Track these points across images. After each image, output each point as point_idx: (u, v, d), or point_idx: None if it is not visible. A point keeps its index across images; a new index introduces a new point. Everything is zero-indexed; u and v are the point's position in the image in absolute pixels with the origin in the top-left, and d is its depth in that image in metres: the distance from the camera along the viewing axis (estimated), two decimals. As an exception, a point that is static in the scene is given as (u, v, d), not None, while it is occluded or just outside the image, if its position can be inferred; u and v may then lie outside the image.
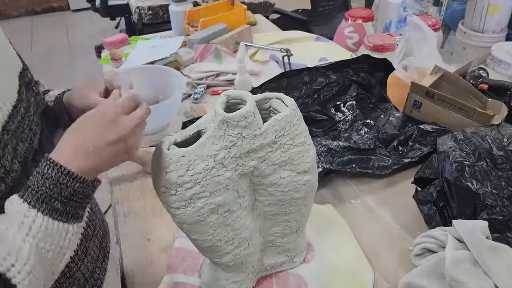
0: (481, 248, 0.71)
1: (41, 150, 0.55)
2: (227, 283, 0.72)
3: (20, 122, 0.52)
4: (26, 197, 0.47)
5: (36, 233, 0.46)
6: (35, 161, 0.52)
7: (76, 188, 0.49)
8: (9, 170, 0.47)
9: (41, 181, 0.47)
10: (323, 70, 1.24)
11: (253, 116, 0.59)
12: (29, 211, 0.46)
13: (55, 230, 0.47)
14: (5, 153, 0.47)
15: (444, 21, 2.79)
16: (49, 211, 0.47)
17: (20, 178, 0.49)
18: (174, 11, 1.79)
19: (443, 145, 0.89)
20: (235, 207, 0.63)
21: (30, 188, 0.47)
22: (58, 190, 0.48)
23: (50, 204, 0.47)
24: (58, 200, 0.48)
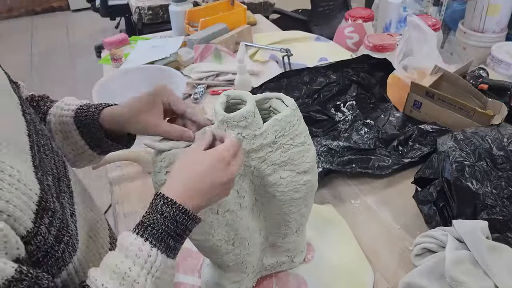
0: (481, 248, 0.71)
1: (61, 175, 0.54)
2: (227, 283, 0.72)
3: (38, 152, 0.50)
4: (148, 236, 0.47)
5: (155, 272, 0.47)
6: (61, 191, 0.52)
7: (188, 225, 0.50)
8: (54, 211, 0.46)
9: (161, 220, 0.48)
10: (323, 70, 1.24)
11: (253, 116, 0.59)
12: (151, 250, 0.47)
13: (168, 267, 0.49)
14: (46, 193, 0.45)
15: (444, 21, 2.79)
16: (165, 249, 0.48)
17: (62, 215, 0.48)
18: (174, 11, 1.79)
19: (443, 145, 0.89)
20: (235, 207, 0.63)
21: (149, 227, 0.48)
22: (174, 228, 0.49)
23: (166, 242, 0.48)
24: (173, 237, 0.49)
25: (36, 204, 0.43)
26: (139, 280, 0.45)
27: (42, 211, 0.43)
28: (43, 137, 0.54)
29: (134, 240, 0.47)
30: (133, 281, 0.45)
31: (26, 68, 3.54)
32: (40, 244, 0.43)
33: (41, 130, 0.55)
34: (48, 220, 0.44)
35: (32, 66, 3.58)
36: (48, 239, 0.44)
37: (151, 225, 0.48)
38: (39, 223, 0.42)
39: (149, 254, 0.46)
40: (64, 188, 0.54)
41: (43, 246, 0.43)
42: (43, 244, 0.43)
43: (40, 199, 0.43)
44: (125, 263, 0.45)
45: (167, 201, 0.49)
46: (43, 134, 0.55)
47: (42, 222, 0.43)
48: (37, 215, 0.42)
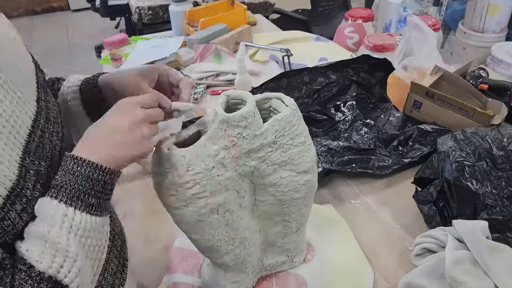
0: (481, 248, 0.71)
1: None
2: (227, 283, 0.72)
3: (40, 137, 0.50)
4: (61, 197, 0.46)
5: (77, 230, 0.46)
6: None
7: (107, 180, 0.49)
8: (30, 199, 0.46)
9: (73, 179, 0.47)
10: (323, 70, 1.24)
11: (253, 116, 0.59)
12: (67, 209, 0.46)
13: (94, 225, 0.48)
14: (26, 181, 0.45)
15: (444, 21, 2.79)
16: (85, 208, 0.47)
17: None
18: (174, 11, 1.79)
19: (443, 145, 0.89)
20: (235, 207, 0.63)
21: (63, 188, 0.47)
22: (91, 185, 0.48)
23: (85, 200, 0.47)
24: (92, 195, 0.48)
25: (8, 191, 0.43)
26: (60, 240, 0.44)
27: (14, 197, 0.43)
28: (55, 124, 0.55)
29: (48, 204, 0.46)
30: (54, 241, 0.44)
31: (26, 68, 3.53)
32: (8, 228, 0.43)
33: (54, 118, 0.55)
34: (20, 206, 0.44)
35: (32, 66, 3.57)
36: (19, 224, 0.44)
37: (64, 186, 0.47)
38: (8, 209, 0.43)
39: (64, 214, 0.45)
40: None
41: (11, 231, 0.44)
42: (11, 228, 0.43)
43: (15, 186, 0.44)
44: (44, 227, 0.45)
45: (76, 160, 0.48)
46: (56, 122, 0.55)
47: (12, 208, 0.43)
48: (6, 201, 0.43)
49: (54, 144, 0.53)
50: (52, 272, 0.43)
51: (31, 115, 0.50)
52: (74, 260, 0.45)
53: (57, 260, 0.44)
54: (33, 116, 0.50)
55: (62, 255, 0.44)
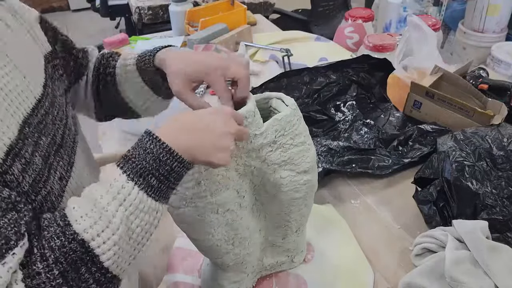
0: (481, 248, 0.71)
1: (64, 144, 0.55)
2: (226, 282, 0.72)
3: (43, 116, 0.51)
4: (126, 169, 0.46)
5: (129, 206, 0.45)
6: (57, 155, 0.52)
7: (174, 167, 0.48)
8: (29, 161, 0.46)
9: (143, 155, 0.47)
10: (323, 70, 1.24)
11: (253, 115, 0.59)
12: (127, 183, 0.45)
13: (147, 207, 0.47)
14: (25, 144, 0.46)
15: (444, 21, 2.78)
16: (145, 187, 0.46)
17: (42, 170, 0.48)
18: (174, 11, 1.79)
19: (443, 145, 0.89)
20: (235, 206, 0.63)
21: (130, 161, 0.46)
22: (157, 167, 0.47)
23: (147, 180, 0.46)
24: (156, 176, 0.47)
25: (7, 147, 0.43)
26: (108, 208, 0.44)
27: (13, 156, 0.44)
28: (60, 111, 0.56)
29: (113, 171, 0.46)
30: (102, 208, 0.44)
31: (26, 68, 3.53)
32: (12, 184, 0.43)
33: (59, 105, 0.56)
34: (20, 167, 0.44)
35: (32, 66, 3.57)
36: (22, 183, 0.44)
37: (132, 159, 0.47)
38: (9, 164, 0.43)
39: (123, 186, 0.45)
40: (62, 155, 0.54)
41: (15, 188, 0.43)
42: (15, 186, 0.43)
43: (14, 145, 0.44)
44: (99, 191, 0.45)
45: (152, 138, 0.48)
46: (61, 109, 0.56)
47: (13, 166, 0.43)
48: (7, 156, 0.43)
49: (57, 126, 0.54)
50: (86, 237, 0.43)
51: (36, 95, 0.51)
52: (113, 233, 0.44)
53: (96, 227, 0.43)
54: (38, 97, 0.51)
55: (104, 224, 0.44)
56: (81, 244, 0.42)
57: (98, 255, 0.43)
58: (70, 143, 0.57)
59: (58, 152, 0.53)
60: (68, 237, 0.42)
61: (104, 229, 0.43)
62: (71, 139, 0.58)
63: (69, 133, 0.57)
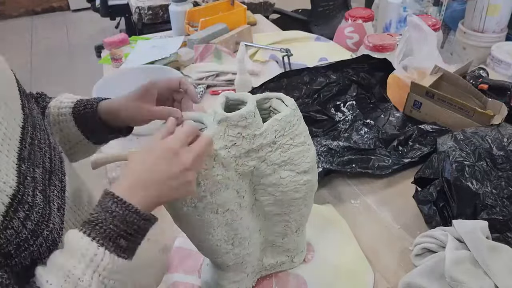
0: (481, 248, 0.71)
1: (54, 169, 0.54)
2: (226, 282, 0.72)
3: (30, 145, 0.50)
4: (95, 236, 0.46)
5: (102, 271, 0.45)
6: (51, 184, 0.51)
7: (141, 225, 0.49)
8: (32, 205, 0.45)
9: (109, 219, 0.47)
10: (323, 70, 1.24)
11: (253, 116, 0.59)
12: (98, 249, 0.45)
13: (119, 268, 0.47)
14: (25, 187, 0.45)
15: (444, 21, 2.78)
16: (115, 249, 0.47)
17: (44, 209, 0.47)
18: (174, 11, 1.79)
19: (443, 145, 0.89)
20: (234, 206, 0.63)
21: (98, 226, 0.46)
22: (125, 228, 0.47)
23: (117, 242, 0.47)
24: (124, 237, 0.47)
25: (10, 198, 0.43)
26: (83, 278, 0.44)
27: (17, 205, 0.43)
28: (41, 131, 0.55)
29: (80, 239, 0.46)
30: (77, 279, 0.44)
31: (26, 68, 3.53)
32: (12, 238, 0.43)
33: (39, 125, 0.55)
34: (23, 214, 0.44)
35: (32, 66, 3.58)
36: (22, 232, 0.44)
37: (99, 224, 0.46)
38: (11, 217, 0.43)
39: (95, 253, 0.45)
40: (55, 182, 0.53)
41: (14, 240, 0.43)
42: (14, 238, 0.43)
43: (16, 193, 0.44)
44: (70, 262, 0.44)
45: (115, 199, 0.47)
46: (41, 129, 0.56)
47: (15, 216, 0.43)
48: (9, 209, 0.42)
49: (44, 151, 0.53)
50: None
51: (19, 122, 0.50)
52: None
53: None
54: (21, 123, 0.50)
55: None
56: None
57: None
58: (58, 165, 0.56)
59: (51, 181, 0.52)
60: None
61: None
62: (58, 160, 0.57)
63: (54, 154, 0.56)
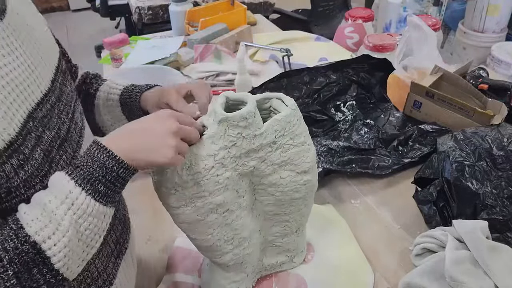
0: (481, 248, 0.71)
1: (69, 138, 0.56)
2: (226, 282, 0.72)
3: (49, 110, 0.52)
4: (74, 176, 0.48)
5: (77, 210, 0.47)
6: (61, 149, 0.54)
7: (120, 173, 0.51)
8: (28, 156, 0.47)
9: (90, 163, 0.49)
10: (323, 70, 1.24)
11: (253, 116, 0.59)
12: (74, 188, 0.47)
13: (94, 211, 0.49)
14: (25, 140, 0.47)
15: (444, 21, 2.79)
16: (92, 192, 0.48)
17: (41, 165, 0.49)
18: (174, 11, 1.79)
19: (443, 145, 0.89)
20: (234, 206, 0.63)
21: (78, 168, 0.49)
22: (104, 173, 0.49)
23: (94, 186, 0.49)
24: (102, 182, 0.49)
25: (6, 144, 0.44)
26: (57, 212, 0.46)
27: (11, 152, 0.45)
28: (67, 105, 0.57)
29: (61, 179, 0.48)
30: (51, 212, 0.45)
31: (26, 68, 3.53)
32: (2, 181, 0.44)
33: (67, 100, 0.58)
34: (17, 161, 0.46)
35: (32, 66, 3.57)
36: (14, 179, 0.46)
37: (80, 166, 0.49)
38: (3, 161, 0.44)
39: (70, 191, 0.47)
40: (66, 149, 0.55)
41: (5, 184, 0.45)
42: (5, 181, 0.45)
43: (13, 141, 0.45)
44: (48, 197, 0.46)
45: (98, 146, 0.50)
46: (68, 104, 0.58)
47: (8, 161, 0.44)
48: (3, 153, 0.44)
49: (62, 120, 0.55)
50: (38, 239, 0.44)
51: (42, 89, 0.52)
52: (63, 235, 0.46)
53: (47, 230, 0.45)
54: (45, 91, 0.53)
55: (53, 227, 0.45)
56: (33, 246, 0.44)
57: (49, 257, 0.45)
58: (75, 137, 0.58)
59: (62, 146, 0.54)
60: (21, 239, 0.44)
61: (54, 231, 0.45)
62: (77, 134, 0.59)
63: (75, 127, 0.59)
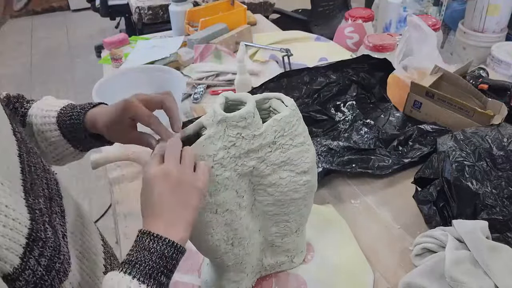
0: (481, 248, 0.71)
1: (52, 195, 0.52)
2: (226, 283, 0.72)
3: (29, 173, 0.49)
4: (135, 274, 0.46)
5: None
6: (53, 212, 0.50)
7: (179, 259, 0.50)
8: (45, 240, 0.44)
9: (148, 256, 0.47)
10: (323, 70, 1.23)
11: (253, 116, 0.59)
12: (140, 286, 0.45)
13: None
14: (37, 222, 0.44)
15: (444, 21, 2.78)
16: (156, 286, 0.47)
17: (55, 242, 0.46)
18: (174, 11, 1.79)
19: (443, 145, 0.89)
20: (234, 207, 0.63)
21: (137, 265, 0.46)
22: (164, 264, 0.48)
23: (157, 279, 0.47)
24: (164, 273, 0.48)
25: (26, 237, 0.41)
26: None
27: (32, 243, 0.42)
28: (34, 155, 0.53)
29: (121, 279, 0.45)
30: None
31: (26, 68, 3.54)
32: (29, 278, 0.41)
33: (31, 148, 0.53)
34: (38, 251, 0.43)
35: (32, 66, 3.58)
36: (38, 271, 0.43)
37: (139, 262, 0.47)
38: (28, 257, 0.41)
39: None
40: (55, 209, 0.52)
41: (31, 279, 0.42)
42: (32, 277, 0.42)
43: (30, 231, 0.42)
44: None
45: (153, 237, 0.48)
46: (34, 152, 0.53)
47: (31, 255, 0.42)
48: (26, 249, 0.41)
49: (41, 177, 0.52)
50: None
51: (15, 151, 0.48)
52: None
53: None
54: (17, 152, 0.48)
55: None
56: None
57: None
58: (55, 189, 0.55)
59: (52, 208, 0.51)
60: None
61: None
62: (54, 183, 0.56)
63: (50, 177, 0.55)
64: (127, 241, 0.89)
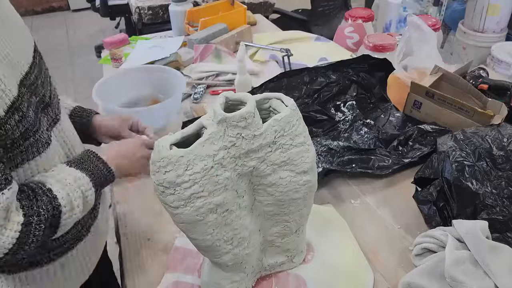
0: (481, 248, 0.71)
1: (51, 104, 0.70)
2: (226, 282, 0.72)
3: (34, 79, 0.65)
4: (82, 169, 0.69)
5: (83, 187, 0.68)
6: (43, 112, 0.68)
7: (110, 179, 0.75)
8: (25, 114, 0.60)
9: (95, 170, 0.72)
10: (323, 70, 1.24)
11: (253, 117, 0.59)
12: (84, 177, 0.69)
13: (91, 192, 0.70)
14: (22, 101, 0.60)
15: (444, 21, 2.79)
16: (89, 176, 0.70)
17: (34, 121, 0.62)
18: (174, 11, 1.79)
19: (443, 145, 0.89)
20: (234, 207, 0.63)
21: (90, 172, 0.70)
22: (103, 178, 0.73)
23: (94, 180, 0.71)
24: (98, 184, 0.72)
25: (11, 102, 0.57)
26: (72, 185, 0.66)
27: (14, 110, 0.57)
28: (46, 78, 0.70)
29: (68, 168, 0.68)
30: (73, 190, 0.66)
31: (26, 68, 3.53)
32: (8, 133, 0.57)
33: (45, 74, 0.70)
34: (18, 117, 0.58)
35: (32, 66, 3.57)
36: (15, 131, 0.58)
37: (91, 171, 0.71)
38: (9, 116, 0.57)
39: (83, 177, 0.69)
40: (49, 113, 0.69)
41: (10, 135, 0.58)
42: (11, 133, 0.58)
43: (15, 101, 0.58)
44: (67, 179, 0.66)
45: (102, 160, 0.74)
46: (46, 77, 0.71)
47: (12, 117, 0.57)
48: (9, 110, 0.56)
49: (45, 89, 0.69)
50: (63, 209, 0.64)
51: (28, 61, 0.65)
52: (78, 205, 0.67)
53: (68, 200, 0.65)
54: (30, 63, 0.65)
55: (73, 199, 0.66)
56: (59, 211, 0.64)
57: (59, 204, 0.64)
58: (56, 104, 0.72)
59: (45, 110, 0.68)
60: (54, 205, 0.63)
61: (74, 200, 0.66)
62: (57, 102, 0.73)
63: (55, 96, 0.73)
64: (127, 241, 0.89)
